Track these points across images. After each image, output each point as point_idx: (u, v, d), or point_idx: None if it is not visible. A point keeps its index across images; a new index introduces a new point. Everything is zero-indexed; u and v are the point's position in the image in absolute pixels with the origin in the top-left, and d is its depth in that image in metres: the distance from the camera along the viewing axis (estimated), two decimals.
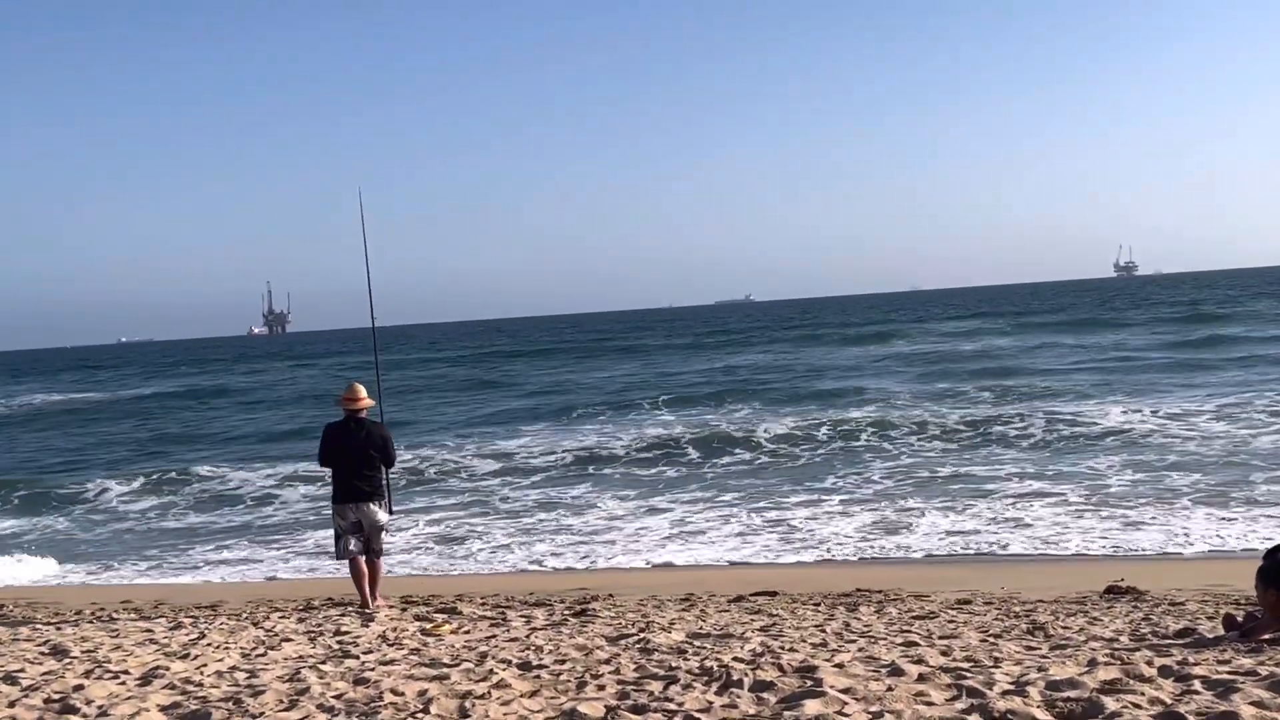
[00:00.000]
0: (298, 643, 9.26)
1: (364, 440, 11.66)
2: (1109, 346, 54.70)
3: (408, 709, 6.48)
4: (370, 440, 11.68)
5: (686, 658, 7.76)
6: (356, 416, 11.78)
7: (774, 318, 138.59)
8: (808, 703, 6.04)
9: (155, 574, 17.87)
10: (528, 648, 8.54)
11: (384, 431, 11.88)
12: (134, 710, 6.68)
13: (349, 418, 11.78)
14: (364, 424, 11.78)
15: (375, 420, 12.01)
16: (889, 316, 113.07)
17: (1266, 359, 42.92)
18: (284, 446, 34.71)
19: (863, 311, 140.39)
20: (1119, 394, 34.35)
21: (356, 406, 11.78)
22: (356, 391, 11.80)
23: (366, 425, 11.78)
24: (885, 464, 24.56)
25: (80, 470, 32.28)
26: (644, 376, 55.66)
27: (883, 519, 18.53)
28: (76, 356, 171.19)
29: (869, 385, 42.44)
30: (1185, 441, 24.56)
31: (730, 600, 11.74)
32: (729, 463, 26.31)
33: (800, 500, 20.83)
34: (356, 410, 11.79)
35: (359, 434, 11.68)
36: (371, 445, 11.67)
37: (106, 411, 55.19)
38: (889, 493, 21.06)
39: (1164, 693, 6.03)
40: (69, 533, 22.76)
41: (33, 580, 17.62)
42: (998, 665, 7.07)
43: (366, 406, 11.85)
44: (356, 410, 11.79)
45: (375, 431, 11.78)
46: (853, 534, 17.63)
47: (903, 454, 25.84)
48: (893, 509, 19.31)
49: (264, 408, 51.93)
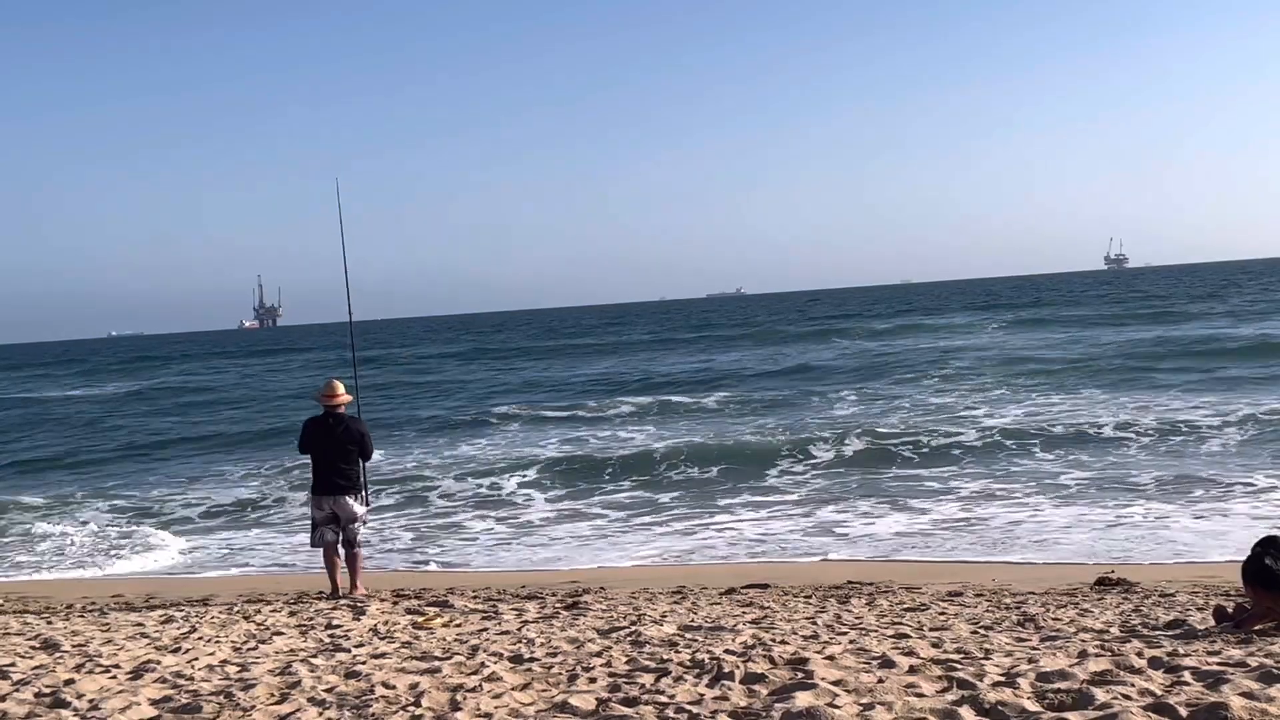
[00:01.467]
0: (289, 636, 9.26)
1: (342, 435, 12.15)
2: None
3: (399, 702, 6.48)
4: (348, 434, 12.18)
5: (678, 650, 7.76)
6: (335, 412, 12.22)
7: (742, 313, 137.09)
8: (799, 694, 6.05)
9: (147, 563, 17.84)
10: (519, 641, 8.54)
11: (361, 427, 12.38)
12: (125, 704, 6.66)
13: (328, 413, 12.24)
14: (342, 419, 12.25)
15: (353, 415, 12.47)
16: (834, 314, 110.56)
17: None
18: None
19: (828, 306, 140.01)
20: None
21: (335, 403, 12.23)
22: (335, 388, 12.28)
23: (345, 420, 12.26)
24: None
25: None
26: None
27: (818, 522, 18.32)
28: (65, 351, 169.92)
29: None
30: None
31: (722, 593, 11.75)
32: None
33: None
34: (335, 406, 12.22)
35: (337, 429, 12.17)
36: (349, 439, 12.17)
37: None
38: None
39: (1154, 684, 6.04)
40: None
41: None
42: (988, 657, 7.09)
43: (344, 402, 12.28)
44: (335, 406, 12.22)
45: (353, 426, 12.27)
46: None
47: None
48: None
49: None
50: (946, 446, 24.99)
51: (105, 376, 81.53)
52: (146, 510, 23.18)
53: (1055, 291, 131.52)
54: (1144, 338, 51.07)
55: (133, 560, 18.16)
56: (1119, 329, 58.73)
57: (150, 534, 20.26)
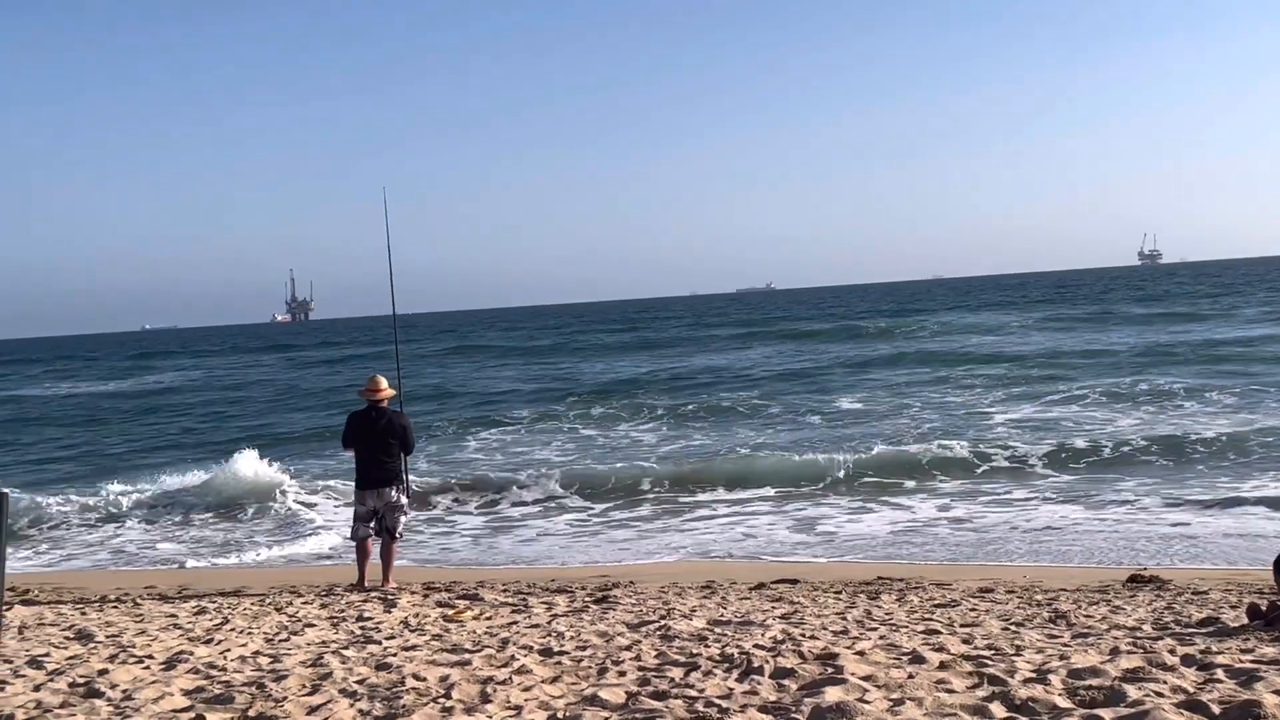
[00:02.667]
0: (320, 628, 9.32)
1: (384, 428, 12.37)
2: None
3: (430, 694, 6.51)
4: (390, 428, 12.40)
5: (707, 644, 7.77)
6: (378, 405, 12.44)
7: (761, 309, 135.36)
8: (829, 690, 6.04)
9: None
10: (549, 634, 8.57)
11: (404, 420, 12.58)
12: (158, 694, 6.72)
13: (370, 407, 12.47)
14: (385, 413, 12.48)
15: (396, 409, 12.65)
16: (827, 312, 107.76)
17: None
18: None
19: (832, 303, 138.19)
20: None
21: (378, 397, 12.48)
22: (378, 383, 12.52)
23: (387, 414, 12.47)
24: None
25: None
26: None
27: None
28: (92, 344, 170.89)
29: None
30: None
31: (751, 588, 11.74)
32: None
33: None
34: (378, 400, 12.47)
35: (380, 422, 12.39)
36: (391, 433, 12.38)
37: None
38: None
39: (1186, 681, 6.01)
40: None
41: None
42: (1019, 653, 7.06)
43: (387, 396, 12.53)
44: (378, 400, 12.47)
45: (395, 420, 12.48)
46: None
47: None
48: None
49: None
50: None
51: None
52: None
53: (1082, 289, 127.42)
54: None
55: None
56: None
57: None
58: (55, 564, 17.76)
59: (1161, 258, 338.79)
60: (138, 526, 20.65)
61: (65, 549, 19.06)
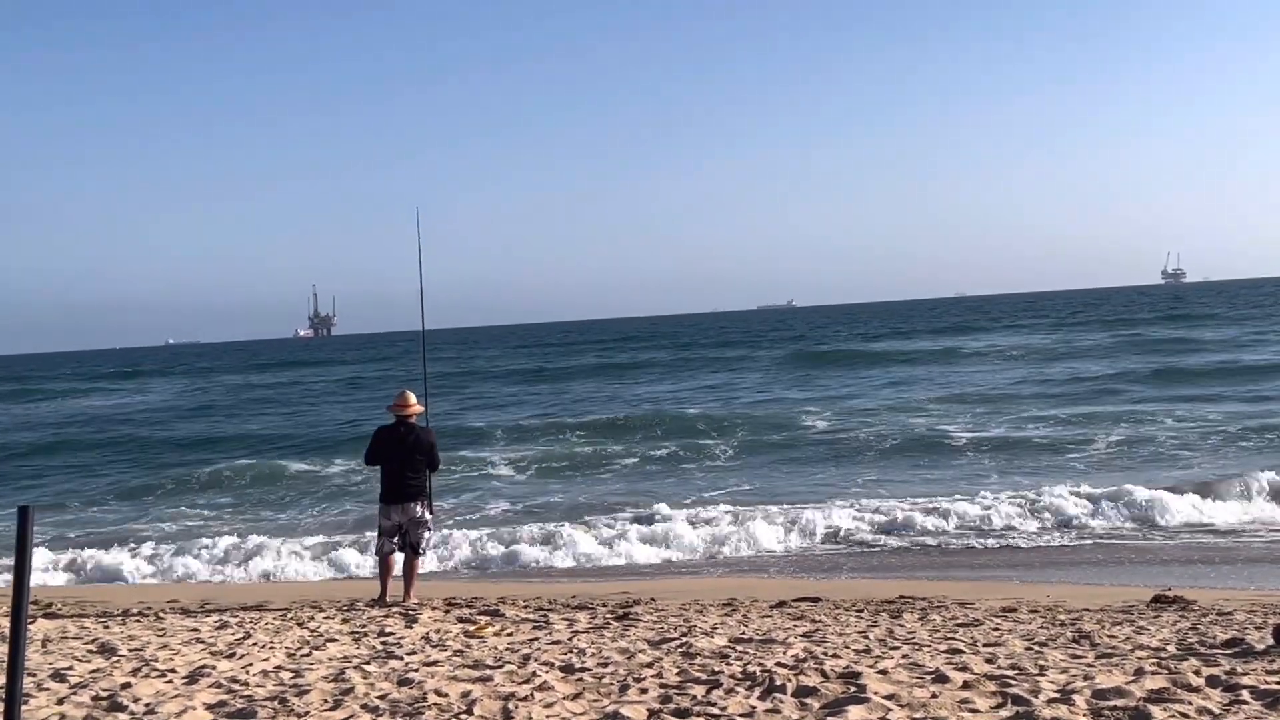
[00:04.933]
0: (342, 643, 9.32)
1: (412, 444, 12.39)
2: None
3: (451, 710, 6.51)
4: (418, 444, 12.41)
5: (729, 662, 7.75)
6: (406, 421, 12.47)
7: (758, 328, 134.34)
8: (851, 709, 6.03)
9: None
10: (570, 650, 8.56)
11: (431, 437, 12.62)
12: (181, 708, 6.74)
13: (399, 422, 12.50)
14: (413, 429, 12.51)
15: (424, 426, 12.71)
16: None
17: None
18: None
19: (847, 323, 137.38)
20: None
21: (407, 412, 12.50)
22: (407, 399, 12.54)
23: (415, 430, 12.50)
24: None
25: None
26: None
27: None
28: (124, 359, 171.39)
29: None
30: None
31: (772, 606, 11.70)
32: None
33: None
34: (407, 415, 12.49)
35: (408, 438, 12.40)
36: (419, 449, 12.40)
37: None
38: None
39: (1212, 702, 5.97)
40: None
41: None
42: (1043, 673, 7.02)
43: (416, 413, 12.56)
44: (407, 415, 12.49)
45: (423, 436, 12.50)
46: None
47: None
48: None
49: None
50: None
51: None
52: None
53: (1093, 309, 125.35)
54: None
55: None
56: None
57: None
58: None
59: (1185, 276, 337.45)
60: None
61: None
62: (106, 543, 20.14)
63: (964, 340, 72.72)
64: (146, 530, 22.23)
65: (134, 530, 22.28)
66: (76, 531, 22.30)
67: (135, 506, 25.80)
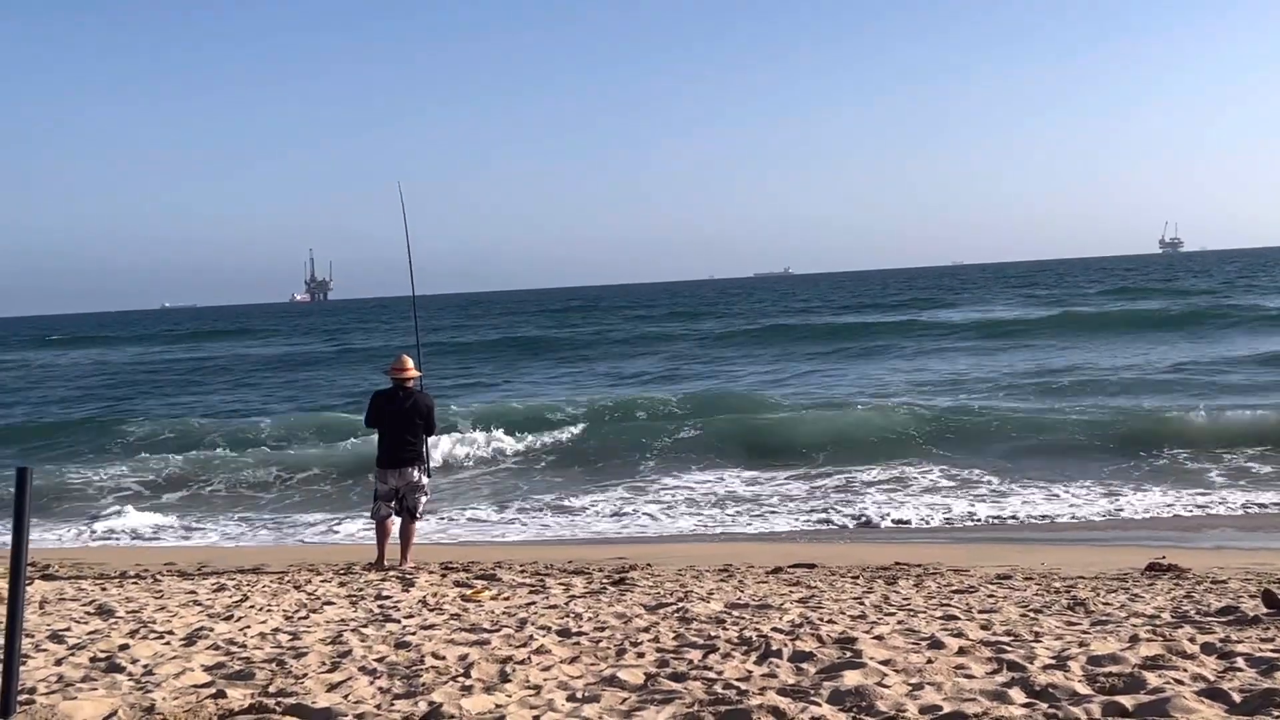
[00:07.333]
0: (339, 606, 9.35)
1: (410, 409, 12.39)
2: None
3: (449, 672, 6.52)
4: (416, 408, 12.41)
5: (725, 627, 7.77)
6: (404, 385, 12.44)
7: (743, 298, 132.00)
8: (847, 673, 6.04)
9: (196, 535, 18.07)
10: (567, 615, 8.58)
11: (429, 401, 12.63)
12: (179, 670, 6.75)
13: (397, 386, 12.47)
14: (411, 393, 12.49)
15: (421, 390, 12.68)
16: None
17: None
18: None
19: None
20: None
21: (404, 376, 12.47)
22: (405, 363, 12.53)
23: (413, 394, 12.49)
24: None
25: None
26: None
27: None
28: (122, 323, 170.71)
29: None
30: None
31: (768, 572, 11.74)
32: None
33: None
34: (404, 380, 12.45)
35: (406, 402, 12.40)
36: (417, 413, 12.41)
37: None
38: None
39: (1207, 669, 5.99)
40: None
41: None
42: (1038, 640, 7.05)
43: (413, 377, 12.53)
44: (404, 380, 12.45)
45: (420, 401, 12.50)
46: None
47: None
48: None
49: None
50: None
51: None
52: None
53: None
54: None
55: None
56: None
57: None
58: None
59: (1183, 246, 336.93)
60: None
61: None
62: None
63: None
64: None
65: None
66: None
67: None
